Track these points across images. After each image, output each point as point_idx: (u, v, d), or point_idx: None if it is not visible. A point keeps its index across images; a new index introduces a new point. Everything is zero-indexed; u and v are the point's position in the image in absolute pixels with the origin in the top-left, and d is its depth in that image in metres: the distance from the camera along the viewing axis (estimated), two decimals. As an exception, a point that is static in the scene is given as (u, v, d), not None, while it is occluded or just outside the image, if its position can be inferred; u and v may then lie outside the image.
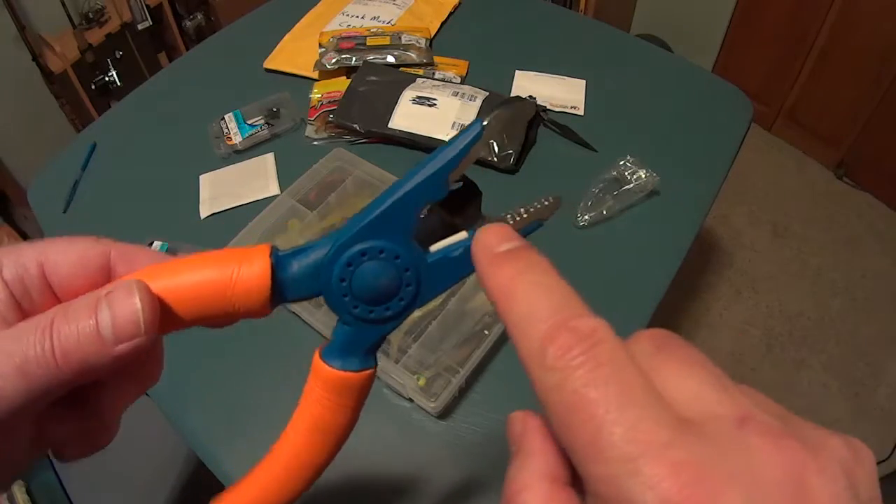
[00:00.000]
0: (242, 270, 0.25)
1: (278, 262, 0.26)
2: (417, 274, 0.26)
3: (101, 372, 0.22)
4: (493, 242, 0.23)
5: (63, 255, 0.25)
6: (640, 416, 0.16)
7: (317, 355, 0.28)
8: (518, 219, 0.28)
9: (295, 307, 0.78)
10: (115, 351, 0.22)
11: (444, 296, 0.76)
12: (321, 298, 0.27)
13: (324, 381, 0.28)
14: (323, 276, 0.26)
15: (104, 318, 0.22)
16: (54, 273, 0.25)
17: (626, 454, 0.16)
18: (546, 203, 0.28)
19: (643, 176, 0.90)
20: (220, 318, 0.25)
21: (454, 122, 0.96)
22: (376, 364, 0.29)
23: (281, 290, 0.26)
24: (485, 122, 0.25)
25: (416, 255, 0.26)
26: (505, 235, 0.23)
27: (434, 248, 0.27)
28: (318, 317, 0.76)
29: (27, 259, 0.24)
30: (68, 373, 0.22)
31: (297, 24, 1.21)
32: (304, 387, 0.28)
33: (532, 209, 0.28)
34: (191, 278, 0.25)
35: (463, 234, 0.28)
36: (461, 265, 0.26)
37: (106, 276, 0.25)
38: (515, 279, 0.21)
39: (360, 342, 0.28)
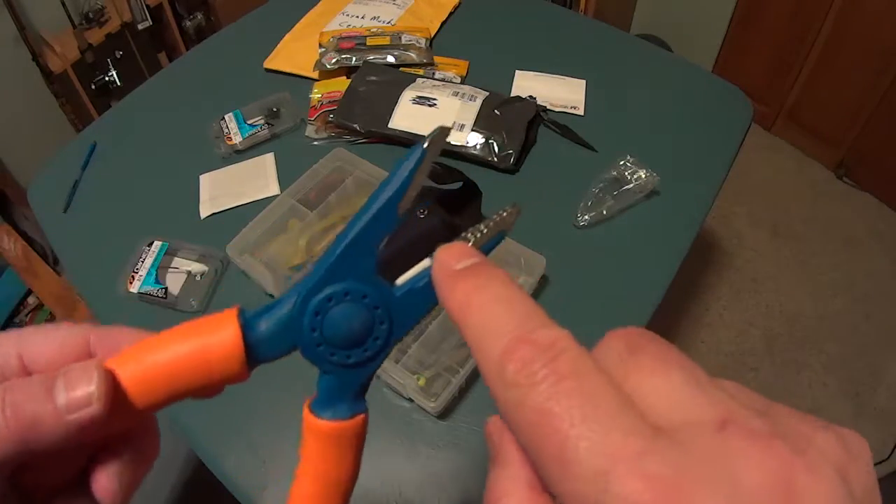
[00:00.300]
0: (213, 341, 0.24)
1: (247, 325, 0.25)
2: (388, 310, 0.26)
3: (58, 442, 0.22)
4: (450, 261, 0.22)
5: (42, 345, 0.25)
6: (608, 427, 0.15)
7: (306, 408, 0.27)
8: (479, 235, 0.27)
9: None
10: (69, 419, 0.22)
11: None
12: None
13: (317, 434, 0.27)
14: (294, 330, 0.25)
15: (58, 386, 0.22)
16: (34, 364, 0.24)
17: (594, 469, 0.15)
18: (505, 213, 0.27)
19: (643, 176, 0.90)
20: (202, 390, 0.24)
21: (454, 122, 0.96)
22: (367, 408, 0.28)
23: (255, 352, 0.25)
24: (426, 144, 0.25)
25: (384, 291, 0.26)
26: (462, 253, 0.23)
27: (401, 280, 0.27)
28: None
29: (6, 351, 0.24)
30: (18, 437, 0.21)
31: (297, 24, 1.21)
32: (301, 441, 0.28)
33: (492, 222, 0.27)
34: (164, 357, 0.24)
35: (427, 262, 0.26)
36: (429, 294, 0.25)
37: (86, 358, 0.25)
38: (472, 295, 0.20)
39: (346, 388, 0.27)
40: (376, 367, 0.27)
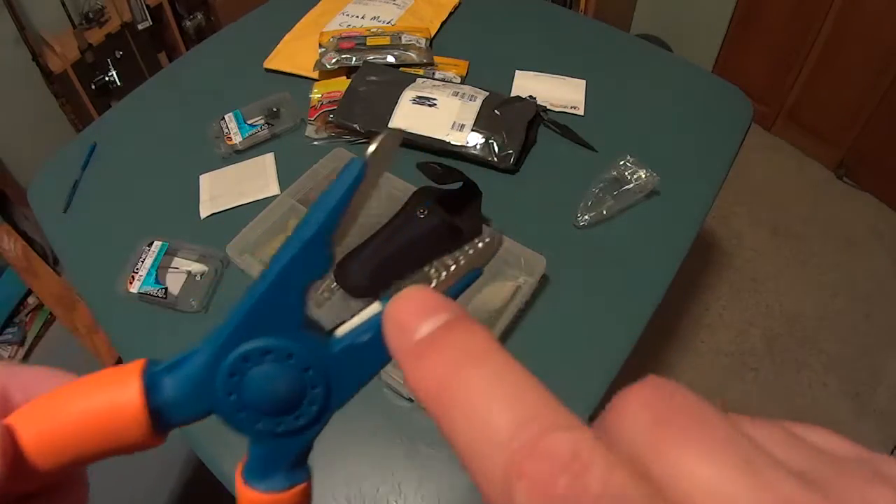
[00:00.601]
0: (114, 402, 0.20)
1: (153, 383, 0.21)
2: (323, 371, 0.21)
3: None
4: (409, 323, 0.17)
5: None
6: None
7: (238, 476, 0.23)
8: (446, 273, 0.22)
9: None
10: None
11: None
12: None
13: None
14: (207, 393, 0.21)
15: None
16: None
17: None
18: (481, 245, 0.22)
19: (643, 176, 0.90)
20: (112, 453, 0.21)
21: (454, 122, 0.96)
22: (310, 475, 0.24)
23: (163, 417, 0.21)
24: (368, 157, 0.20)
25: (315, 348, 0.21)
26: (424, 308, 0.17)
27: (340, 331, 0.22)
28: (320, 316, 0.76)
29: None
30: None
31: (297, 24, 1.21)
32: None
33: (464, 256, 0.22)
34: (67, 417, 0.21)
35: (375, 307, 0.22)
36: (378, 350, 0.20)
37: (2, 407, 0.23)
38: (450, 378, 0.15)
39: (281, 457, 0.23)
40: (316, 434, 0.23)
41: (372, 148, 0.20)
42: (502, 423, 0.14)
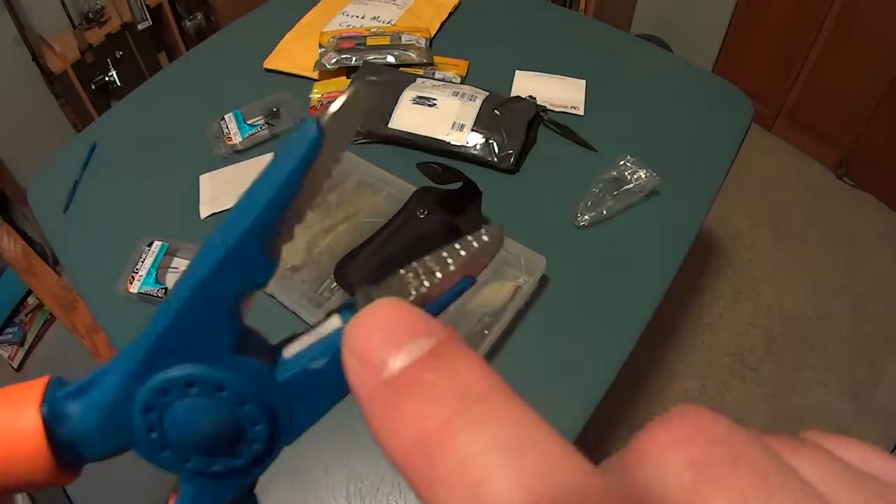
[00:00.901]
0: (4, 429, 0.17)
1: (56, 411, 0.17)
2: (265, 404, 0.17)
3: None
4: (375, 353, 0.13)
5: None
6: None
7: None
8: (429, 282, 0.17)
9: (292, 303, 0.78)
10: None
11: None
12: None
13: None
14: (122, 426, 0.17)
15: None
16: None
17: None
18: (477, 245, 0.17)
19: (643, 176, 0.90)
20: (16, 489, 0.18)
21: (454, 122, 0.96)
22: None
23: (71, 450, 0.17)
24: (327, 118, 0.15)
25: (253, 377, 0.17)
26: (398, 331, 0.13)
27: (289, 351, 0.18)
28: (320, 316, 0.76)
29: None
30: None
31: (297, 24, 1.21)
32: None
33: (454, 259, 0.17)
34: None
35: (333, 323, 0.18)
36: (337, 379, 0.16)
37: None
38: (434, 436, 0.11)
39: (218, 498, 0.19)
40: (260, 473, 0.19)
41: (335, 107, 0.16)
42: (506, 498, 0.10)
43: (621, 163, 0.92)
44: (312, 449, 0.69)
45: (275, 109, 1.04)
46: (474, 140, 0.95)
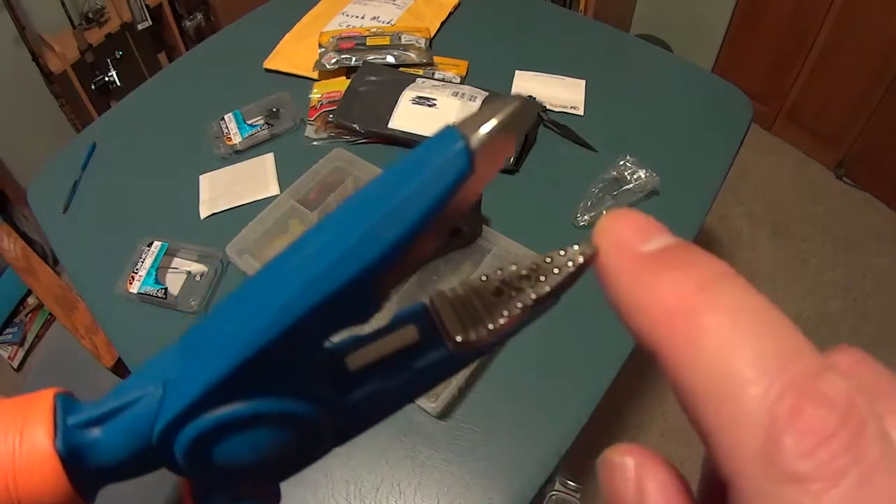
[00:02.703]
0: (21, 462, 0.15)
1: (73, 443, 0.16)
2: (330, 423, 0.16)
3: None
4: (630, 237, 0.14)
5: None
6: None
7: (187, 497, 0.19)
8: (522, 304, 0.15)
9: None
10: None
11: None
12: None
13: None
14: (156, 455, 0.16)
15: None
16: None
17: None
18: (573, 265, 0.15)
19: (643, 176, 0.90)
20: None
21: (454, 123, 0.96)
22: (279, 499, 0.20)
23: (90, 477, 0.16)
24: (484, 137, 0.12)
25: (325, 403, 0.16)
26: (646, 228, 0.14)
27: (354, 364, 0.16)
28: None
29: None
30: None
31: (297, 24, 1.21)
32: None
33: (550, 276, 0.15)
34: None
35: (409, 336, 0.16)
36: (405, 391, 0.16)
37: None
38: (694, 301, 0.12)
39: (249, 497, 0.18)
40: (301, 470, 0.18)
41: (492, 124, 0.12)
42: (764, 353, 0.11)
43: (621, 163, 0.92)
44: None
45: (274, 109, 1.04)
46: (474, 140, 0.95)
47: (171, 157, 1.02)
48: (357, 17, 1.22)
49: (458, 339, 0.15)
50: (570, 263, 0.16)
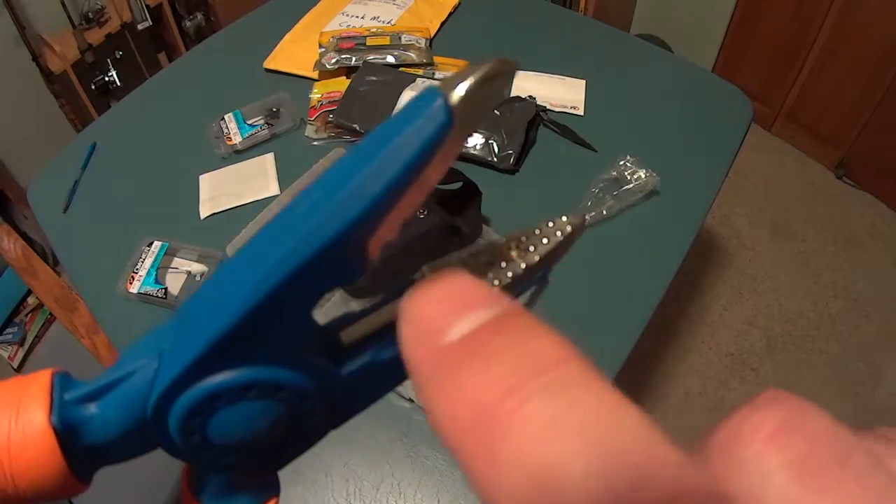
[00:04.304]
0: (8, 438, 0.15)
1: (69, 419, 0.15)
2: (325, 398, 0.16)
3: None
4: (438, 319, 0.12)
5: None
6: None
7: (186, 489, 0.18)
8: (512, 273, 0.15)
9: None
10: None
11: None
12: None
13: None
14: (152, 430, 0.16)
15: None
16: None
17: None
18: (562, 234, 0.16)
19: (643, 176, 0.90)
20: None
21: (454, 122, 0.96)
22: (278, 490, 0.19)
23: (85, 457, 0.16)
24: (463, 95, 0.12)
25: (317, 373, 0.15)
26: (462, 300, 0.12)
27: (348, 338, 0.16)
28: (319, 315, 0.76)
29: None
30: None
31: (297, 24, 1.21)
32: None
33: (539, 246, 0.15)
34: None
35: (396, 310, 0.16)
36: (401, 365, 0.14)
37: None
38: (499, 408, 0.10)
39: (247, 483, 0.18)
40: (297, 456, 0.18)
41: (469, 82, 0.12)
42: (575, 480, 0.09)
43: (621, 163, 0.92)
44: (312, 449, 0.68)
45: (275, 109, 1.04)
46: (474, 140, 0.95)
47: (171, 157, 1.02)
48: (357, 17, 1.22)
49: None
50: (558, 233, 0.16)
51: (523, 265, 0.15)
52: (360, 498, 0.67)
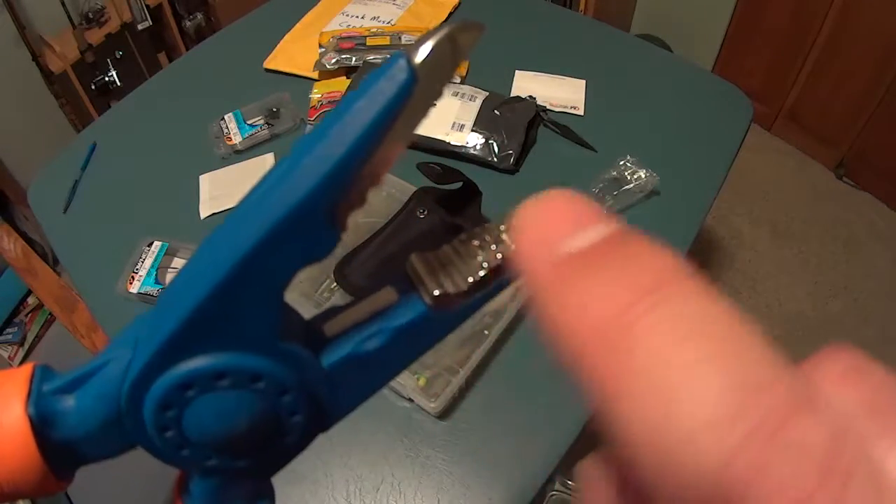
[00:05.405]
0: None
1: (45, 410, 0.15)
2: (307, 393, 0.15)
3: None
4: (552, 233, 0.12)
5: None
6: None
7: (178, 499, 0.18)
8: (505, 253, 0.15)
9: (291, 303, 0.78)
10: None
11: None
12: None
13: None
14: (129, 425, 0.15)
15: None
16: None
17: None
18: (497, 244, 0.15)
19: (643, 176, 0.90)
20: None
21: (454, 122, 0.96)
22: (273, 498, 0.19)
23: (63, 452, 0.15)
24: (417, 59, 0.12)
25: (295, 363, 0.15)
26: (573, 215, 0.12)
27: (332, 328, 0.15)
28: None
29: None
30: None
31: (297, 24, 1.21)
32: None
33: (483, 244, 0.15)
34: None
35: (389, 297, 0.16)
36: (390, 360, 0.15)
37: None
38: (625, 320, 0.10)
39: (236, 491, 0.17)
40: (287, 462, 0.17)
41: (430, 44, 0.12)
42: (721, 386, 0.09)
43: (621, 163, 0.92)
44: (312, 449, 0.68)
45: (275, 109, 1.04)
46: (474, 140, 0.95)
47: (171, 157, 1.02)
48: (357, 17, 1.22)
49: (436, 292, 0.15)
50: None
51: (514, 246, 0.15)
52: (359, 498, 0.67)
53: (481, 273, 0.14)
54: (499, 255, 0.14)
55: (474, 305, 0.15)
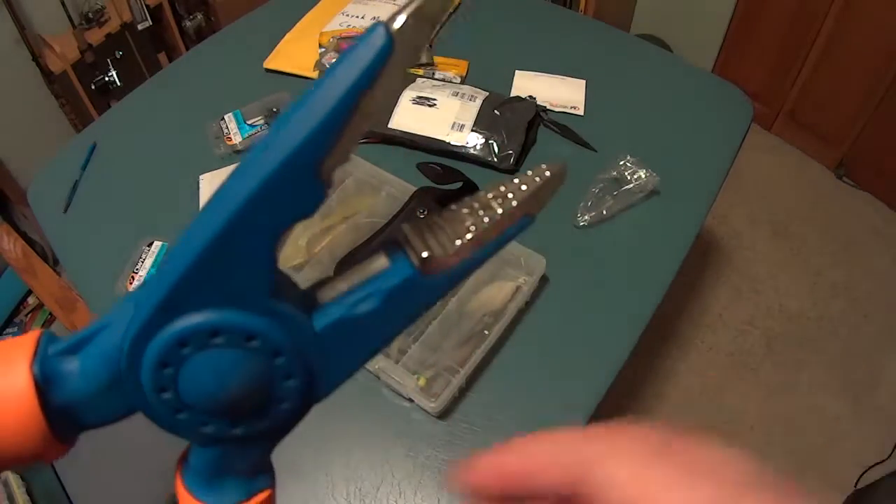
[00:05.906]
0: None
1: (49, 370, 0.15)
2: (301, 355, 0.15)
3: None
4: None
5: None
6: None
7: (179, 478, 0.18)
8: (489, 219, 0.16)
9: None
10: None
11: (444, 296, 0.75)
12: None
13: None
14: (128, 386, 0.15)
15: None
16: None
17: None
18: (542, 178, 0.17)
19: (643, 176, 0.90)
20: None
21: (454, 123, 0.96)
22: (273, 478, 0.19)
23: (66, 414, 0.15)
24: (394, 26, 0.13)
25: (289, 324, 0.15)
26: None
27: (325, 295, 0.16)
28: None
29: None
30: None
31: (297, 24, 1.21)
32: None
33: (515, 195, 0.16)
34: None
35: (381, 263, 0.16)
36: (383, 322, 0.15)
37: None
38: None
39: (237, 463, 0.17)
40: (284, 435, 0.17)
41: (407, 12, 0.13)
42: None
43: (621, 163, 0.92)
44: (312, 449, 0.69)
45: (275, 109, 1.04)
46: (474, 140, 0.95)
47: (171, 157, 1.02)
48: (357, 16, 1.22)
49: (424, 254, 0.15)
50: (537, 179, 0.16)
51: (500, 211, 0.16)
52: (360, 498, 0.67)
53: (468, 236, 0.15)
54: (486, 220, 0.15)
55: (462, 271, 0.16)
